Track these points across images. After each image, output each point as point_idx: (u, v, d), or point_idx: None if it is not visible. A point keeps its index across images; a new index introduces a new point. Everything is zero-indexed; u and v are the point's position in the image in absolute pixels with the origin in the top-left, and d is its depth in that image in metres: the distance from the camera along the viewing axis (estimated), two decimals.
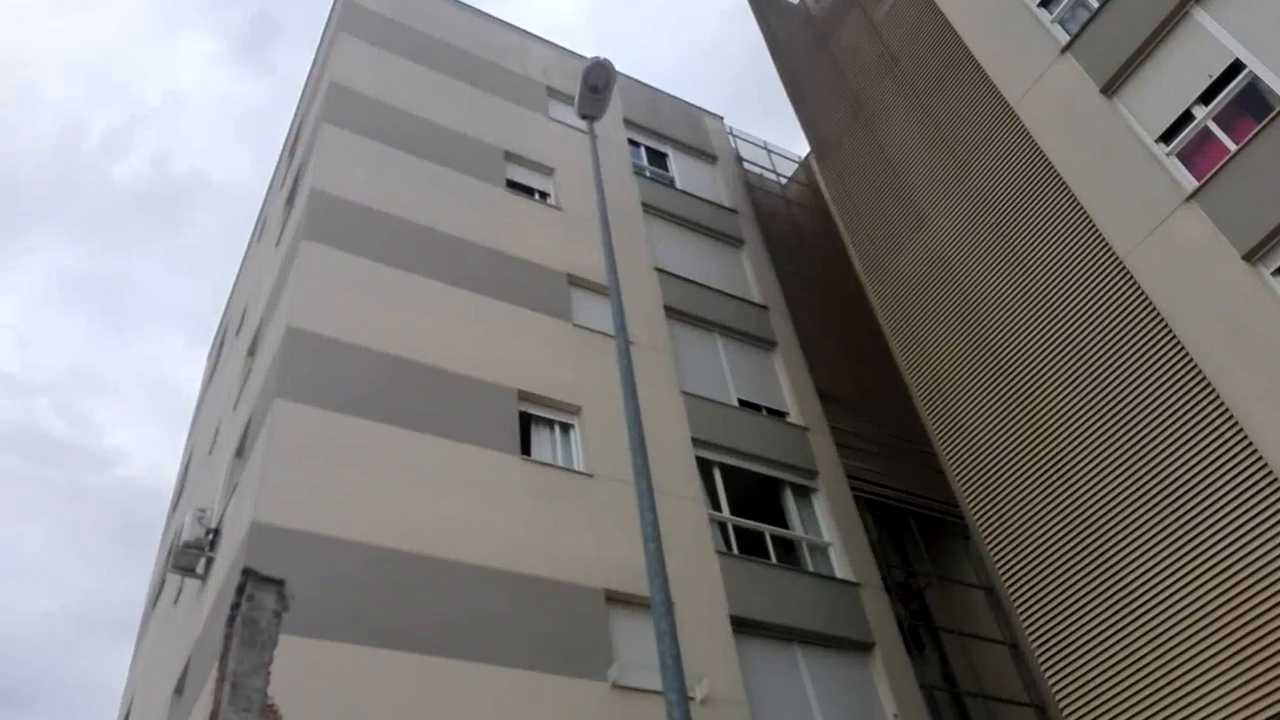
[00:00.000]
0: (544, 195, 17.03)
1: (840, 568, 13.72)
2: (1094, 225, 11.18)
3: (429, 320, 13.24)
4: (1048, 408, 11.08)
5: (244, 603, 9.24)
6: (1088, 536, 10.07)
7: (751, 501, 14.29)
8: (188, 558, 12.12)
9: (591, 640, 10.86)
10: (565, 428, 13.39)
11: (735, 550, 13.15)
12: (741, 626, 12.03)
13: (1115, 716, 9.07)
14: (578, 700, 10.24)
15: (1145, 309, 10.35)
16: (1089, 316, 10.93)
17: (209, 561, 12.09)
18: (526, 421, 13.03)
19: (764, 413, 15.64)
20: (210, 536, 12.21)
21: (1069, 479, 10.53)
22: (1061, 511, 10.49)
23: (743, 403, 15.56)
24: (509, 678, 10.03)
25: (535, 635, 10.55)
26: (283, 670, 8.90)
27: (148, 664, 16.27)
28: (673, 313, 16.22)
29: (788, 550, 14.19)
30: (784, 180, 22.46)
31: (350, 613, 9.69)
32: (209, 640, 10.52)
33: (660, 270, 16.83)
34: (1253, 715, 8.06)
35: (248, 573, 9.43)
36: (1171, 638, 8.93)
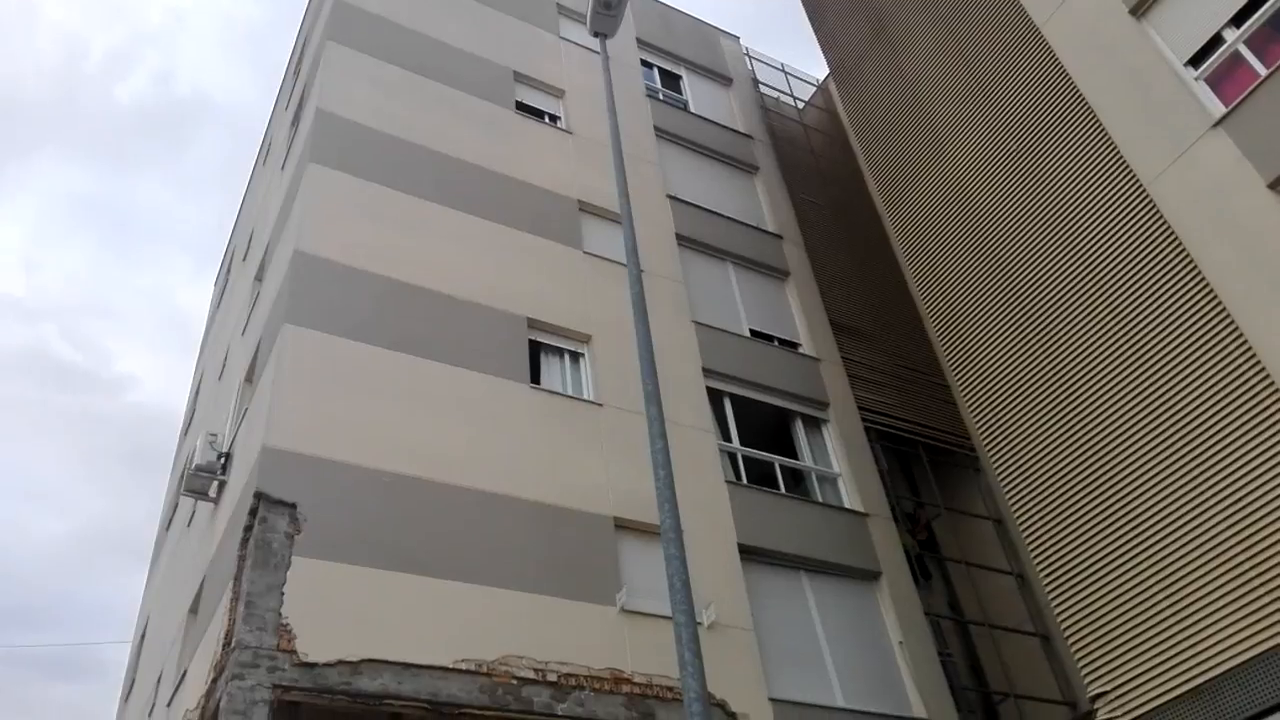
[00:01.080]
0: (554, 118, 16.69)
1: (849, 498, 13.75)
2: (1118, 151, 10.88)
3: (437, 246, 13.07)
4: (1063, 338, 10.93)
5: (256, 525, 9.32)
6: (1099, 467, 10.02)
7: (762, 432, 14.26)
8: (200, 481, 12.20)
9: (600, 566, 10.95)
10: (575, 357, 13.32)
11: (745, 480, 13.17)
12: (749, 554, 12.11)
13: (1120, 645, 9.13)
14: (586, 623, 10.36)
15: (1166, 237, 10.12)
16: (1108, 245, 10.71)
17: (221, 485, 12.18)
18: (536, 350, 12.96)
19: (776, 343, 15.53)
20: (221, 460, 12.27)
21: (1082, 409, 10.43)
22: (1073, 442, 10.42)
23: (754, 333, 15.44)
24: (519, 601, 10.14)
25: (545, 561, 10.63)
26: (296, 591, 9.00)
27: (162, 585, 16.55)
28: (685, 241, 16.00)
29: (797, 481, 14.21)
30: (801, 104, 21.95)
31: (362, 536, 9.76)
32: (222, 561, 10.63)
33: (672, 197, 16.55)
34: (1257, 644, 8.08)
35: (259, 496, 9.49)
36: (1178, 568, 8.93)
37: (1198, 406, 9.33)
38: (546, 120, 16.51)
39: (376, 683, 8.83)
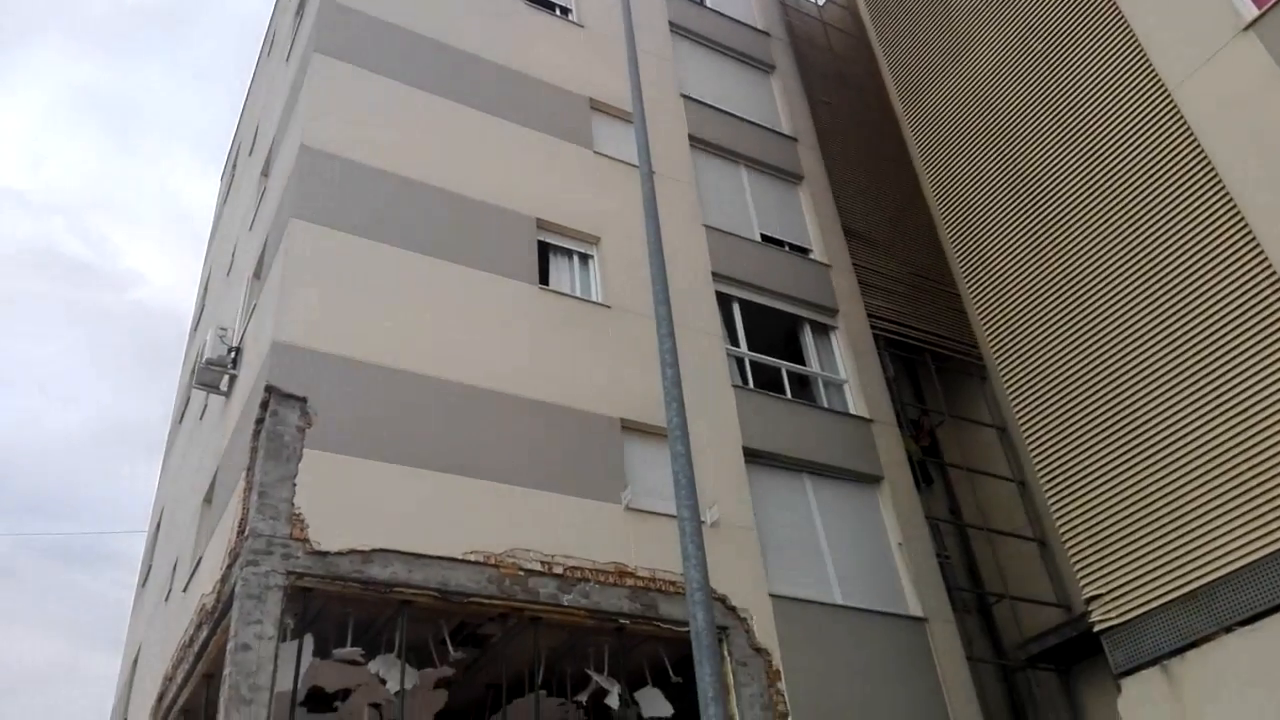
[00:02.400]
0: (565, 11, 16.20)
1: (855, 404, 13.83)
2: (1144, 54, 10.55)
3: (446, 143, 12.87)
4: (1078, 246, 10.81)
5: (268, 418, 9.44)
6: (1106, 376, 10.02)
7: (770, 337, 14.26)
8: (211, 375, 12.31)
9: (606, 465, 11.11)
10: (584, 258, 13.24)
11: (751, 385, 13.24)
12: (754, 457, 12.25)
13: (1117, 549, 9.29)
14: (592, 520, 10.57)
15: (1189, 146, 9.89)
16: (1129, 153, 10.48)
17: (231, 379, 12.29)
18: (545, 251, 12.88)
19: (787, 249, 15.40)
20: (232, 355, 12.35)
21: (1093, 318, 10.38)
22: (1082, 350, 10.40)
23: (765, 238, 15.29)
24: (527, 497, 10.33)
25: (552, 459, 10.78)
26: (307, 482, 9.17)
27: (176, 476, 16.88)
28: (697, 142, 15.71)
29: (803, 386, 14.28)
30: (821, 1, 21.25)
31: (372, 431, 9.89)
32: (235, 453, 10.81)
33: (686, 97, 16.19)
34: (1254, 550, 8.21)
35: (270, 390, 9.58)
36: (1179, 475, 9.01)
37: (1208, 317, 9.27)
38: (558, 13, 16.03)
39: (387, 571, 9.07)
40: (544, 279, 12.52)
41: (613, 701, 10.63)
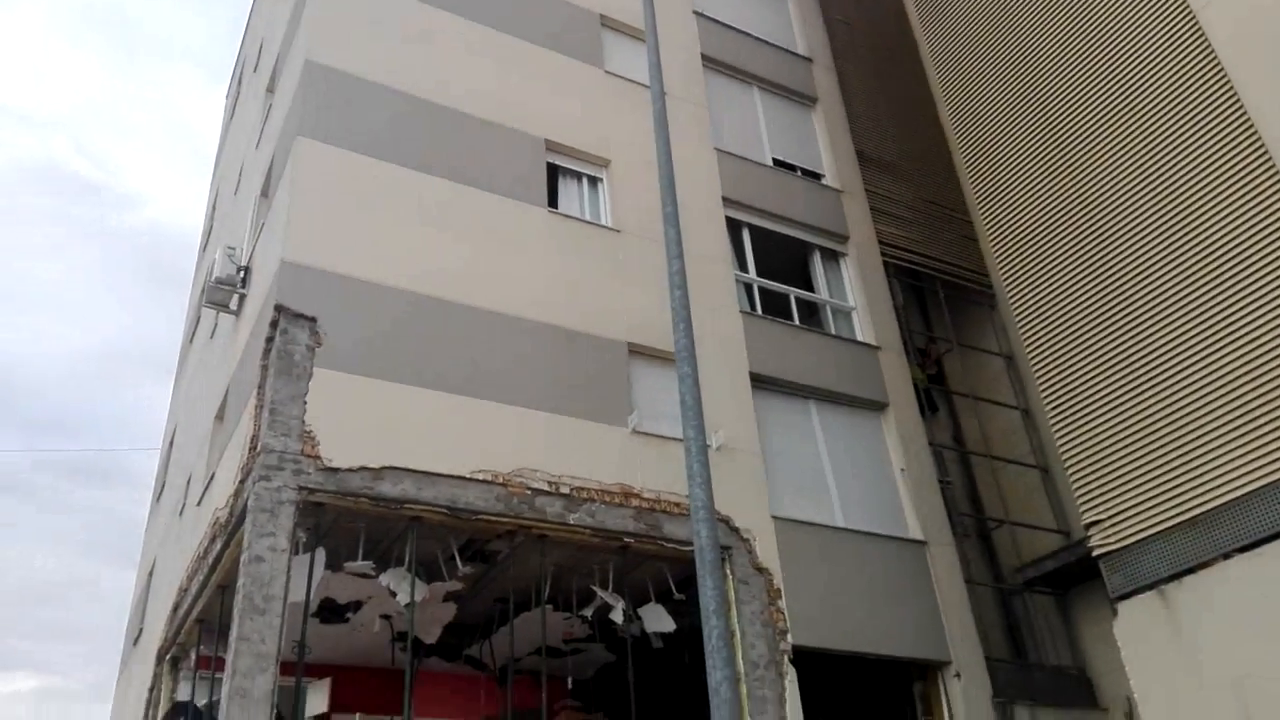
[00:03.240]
0: None
1: (862, 331, 13.82)
2: None
3: (454, 61, 12.65)
4: (1093, 172, 10.66)
5: (277, 337, 9.49)
6: (1116, 303, 9.98)
7: (779, 263, 14.19)
8: (220, 294, 12.35)
9: (613, 389, 11.18)
10: (593, 181, 13.12)
11: (759, 311, 13.22)
12: (760, 382, 12.31)
13: (1119, 476, 9.37)
14: (599, 442, 10.69)
15: (1211, 67, 9.65)
16: (1149, 77, 10.25)
17: (241, 298, 12.32)
18: (554, 173, 12.75)
19: (799, 173, 15.21)
20: (241, 274, 12.37)
21: (1105, 244, 10.29)
22: (1093, 277, 10.34)
23: (777, 162, 15.09)
24: (534, 419, 10.43)
25: (559, 381, 10.85)
26: (318, 400, 9.28)
27: (188, 394, 17.07)
28: (710, 62, 15.41)
29: (811, 312, 14.26)
30: None
31: (381, 351, 9.95)
32: (246, 371, 10.91)
33: (699, 14, 15.82)
34: (1256, 479, 8.27)
35: (279, 309, 9.62)
36: (1185, 403, 9.02)
37: (1221, 245, 9.17)
38: None
39: (398, 488, 9.22)
40: (553, 202, 12.43)
41: (617, 617, 10.90)
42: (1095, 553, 9.34)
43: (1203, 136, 9.59)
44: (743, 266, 13.58)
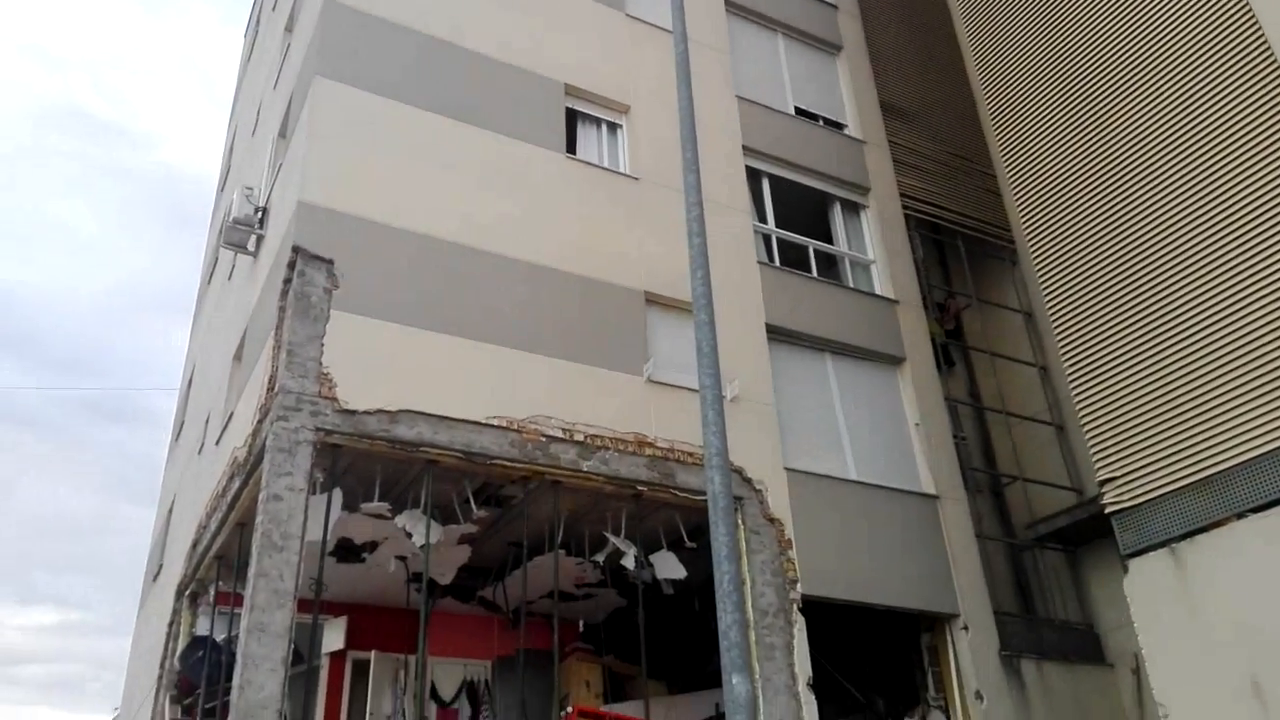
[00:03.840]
0: None
1: (881, 284, 13.72)
2: None
3: (474, 3, 12.46)
4: (1121, 128, 10.44)
5: (295, 279, 9.50)
6: (1138, 259, 9.84)
7: (799, 214, 14.06)
8: (238, 234, 12.35)
9: (629, 338, 11.18)
10: (613, 127, 12.98)
11: (777, 262, 13.13)
12: (776, 334, 12.27)
13: (1135, 433, 9.32)
14: (614, 390, 10.71)
15: (1245, 20, 9.39)
16: (1181, 30, 9.99)
17: (259, 239, 12.32)
18: (573, 118, 12.62)
19: (821, 123, 14.99)
20: (259, 215, 12.35)
21: (1129, 201, 10.12)
22: (1116, 234, 10.19)
23: (800, 111, 14.88)
24: (550, 366, 10.45)
25: (575, 329, 10.85)
26: (335, 343, 9.31)
27: (206, 335, 17.18)
28: (733, 8, 15.13)
29: (830, 265, 14.16)
30: None
31: (398, 295, 9.95)
32: (263, 312, 10.95)
33: None
34: (1274, 439, 8.20)
35: (297, 250, 9.61)
36: (1205, 361, 8.91)
37: (1249, 207, 9.01)
38: None
39: (414, 431, 9.29)
40: (571, 148, 12.31)
41: (629, 563, 11.00)
42: (1108, 510, 9.33)
43: (1231, 91, 9.37)
44: (761, 217, 13.46)
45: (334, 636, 12.83)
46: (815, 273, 13.41)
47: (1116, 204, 10.29)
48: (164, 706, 11.95)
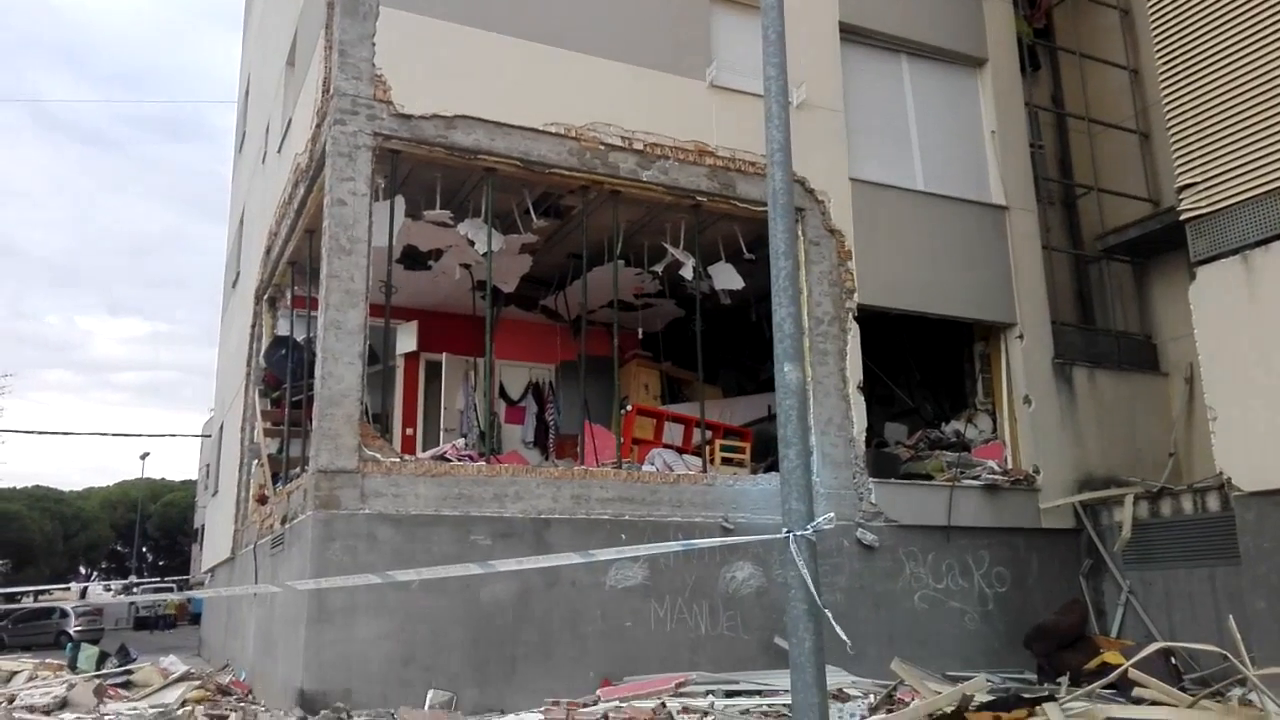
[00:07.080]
0: None
1: None
2: None
3: None
4: None
5: None
6: None
7: None
8: None
9: (692, 38, 10.63)
10: None
11: None
12: (849, 33, 11.53)
13: (1223, 137, 8.75)
14: (675, 96, 10.33)
15: None
16: None
17: None
18: None
19: None
20: None
21: None
22: None
23: None
24: (609, 69, 10.06)
25: (636, 28, 10.33)
26: (386, 42, 8.99)
27: (258, 41, 16.73)
28: None
29: None
30: None
31: None
32: (312, 12, 10.55)
33: None
34: None
35: None
36: None
37: None
38: None
39: (470, 138, 9.16)
40: None
41: (687, 274, 11.14)
42: (1184, 216, 8.98)
43: None
44: None
45: (406, 339, 13.52)
46: None
47: None
48: (254, 399, 12.94)
